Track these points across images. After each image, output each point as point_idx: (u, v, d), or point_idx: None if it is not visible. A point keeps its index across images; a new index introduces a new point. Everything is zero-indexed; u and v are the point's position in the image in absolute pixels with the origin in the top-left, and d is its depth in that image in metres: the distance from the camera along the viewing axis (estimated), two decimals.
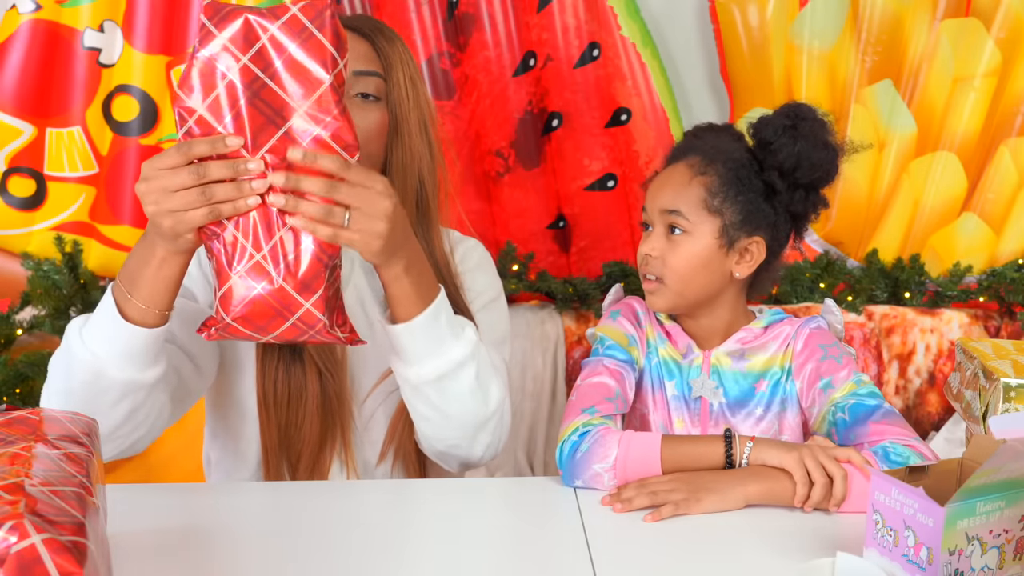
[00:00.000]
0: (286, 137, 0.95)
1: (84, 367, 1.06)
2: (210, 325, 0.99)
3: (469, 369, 1.14)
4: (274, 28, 0.93)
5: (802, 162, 1.26)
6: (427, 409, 1.16)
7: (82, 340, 1.07)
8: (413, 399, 1.17)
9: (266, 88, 0.94)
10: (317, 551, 1.00)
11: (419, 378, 1.13)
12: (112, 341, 1.06)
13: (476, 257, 1.37)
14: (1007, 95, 2.09)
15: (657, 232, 1.29)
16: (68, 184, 1.92)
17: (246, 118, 0.94)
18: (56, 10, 1.85)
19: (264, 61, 0.94)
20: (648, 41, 2.02)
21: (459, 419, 1.17)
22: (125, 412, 1.10)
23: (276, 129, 0.94)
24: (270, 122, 0.94)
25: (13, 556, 0.68)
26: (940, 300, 2.14)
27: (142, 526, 1.04)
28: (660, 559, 1.00)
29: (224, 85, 0.93)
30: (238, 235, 0.96)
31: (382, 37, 1.25)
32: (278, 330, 0.98)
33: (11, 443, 0.82)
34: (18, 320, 1.90)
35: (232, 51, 0.93)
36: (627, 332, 1.33)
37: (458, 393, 1.15)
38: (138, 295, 1.05)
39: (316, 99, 0.94)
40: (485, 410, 1.18)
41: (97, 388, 1.07)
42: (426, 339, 1.11)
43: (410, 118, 1.25)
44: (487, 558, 1.01)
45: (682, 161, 1.31)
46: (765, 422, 1.30)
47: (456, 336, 1.14)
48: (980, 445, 0.99)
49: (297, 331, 0.98)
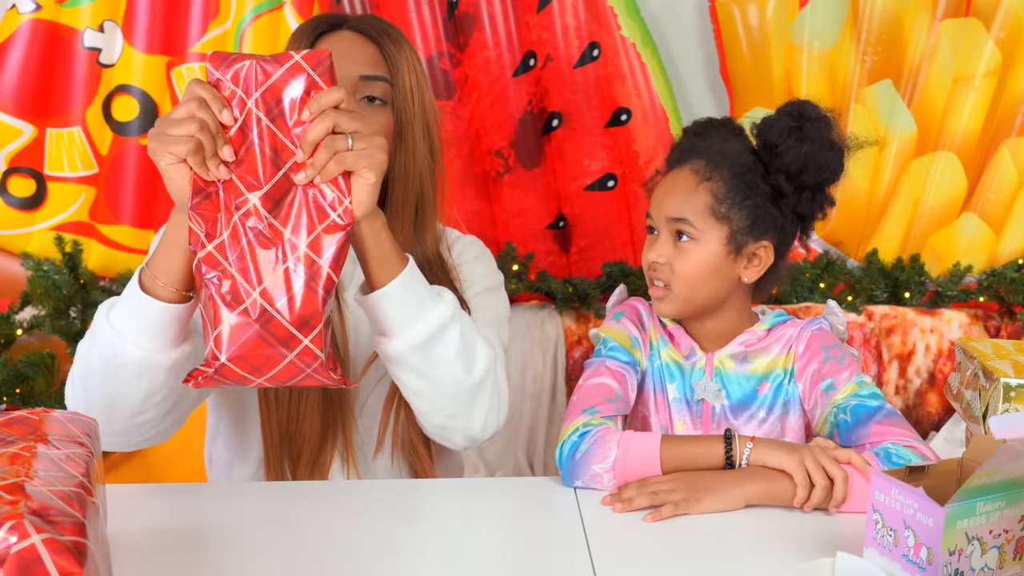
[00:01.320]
0: (285, 179, 0.99)
1: (104, 342, 1.06)
2: (196, 375, 0.97)
3: (453, 330, 1.11)
4: (278, 73, 0.98)
5: (809, 164, 1.25)
6: (416, 380, 1.13)
7: (107, 318, 1.07)
8: (401, 373, 1.13)
9: (269, 131, 0.98)
10: (317, 551, 1.00)
11: (404, 345, 1.10)
12: (130, 314, 1.05)
13: (476, 250, 1.37)
14: (1007, 95, 2.09)
15: (664, 238, 1.28)
16: (68, 184, 1.92)
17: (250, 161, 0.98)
18: (56, 10, 1.85)
19: (268, 105, 0.98)
20: (648, 41, 2.02)
21: (451, 385, 1.13)
22: (143, 394, 1.07)
23: (276, 170, 0.99)
24: (272, 164, 0.98)
25: (13, 556, 0.68)
26: (940, 300, 2.14)
27: (142, 526, 1.04)
28: (660, 559, 1.00)
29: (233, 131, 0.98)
30: (235, 274, 0.96)
31: (389, 40, 1.25)
32: (273, 370, 0.97)
33: (11, 443, 0.82)
34: (18, 320, 1.90)
35: (239, 97, 0.98)
36: (630, 334, 1.32)
37: (445, 357, 1.11)
38: (154, 267, 1.04)
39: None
40: (475, 372, 1.14)
41: (114, 365, 1.06)
42: (407, 300, 1.09)
43: (415, 123, 1.25)
44: (487, 558, 1.01)
45: (686, 166, 1.29)
46: (767, 425, 1.30)
47: (435, 298, 1.12)
48: (980, 445, 0.99)
49: (294, 370, 0.97)
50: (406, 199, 1.25)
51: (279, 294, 0.96)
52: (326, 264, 0.98)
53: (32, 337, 1.91)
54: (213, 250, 0.96)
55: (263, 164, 0.98)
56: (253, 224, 0.97)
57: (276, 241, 0.97)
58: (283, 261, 0.97)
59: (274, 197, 0.98)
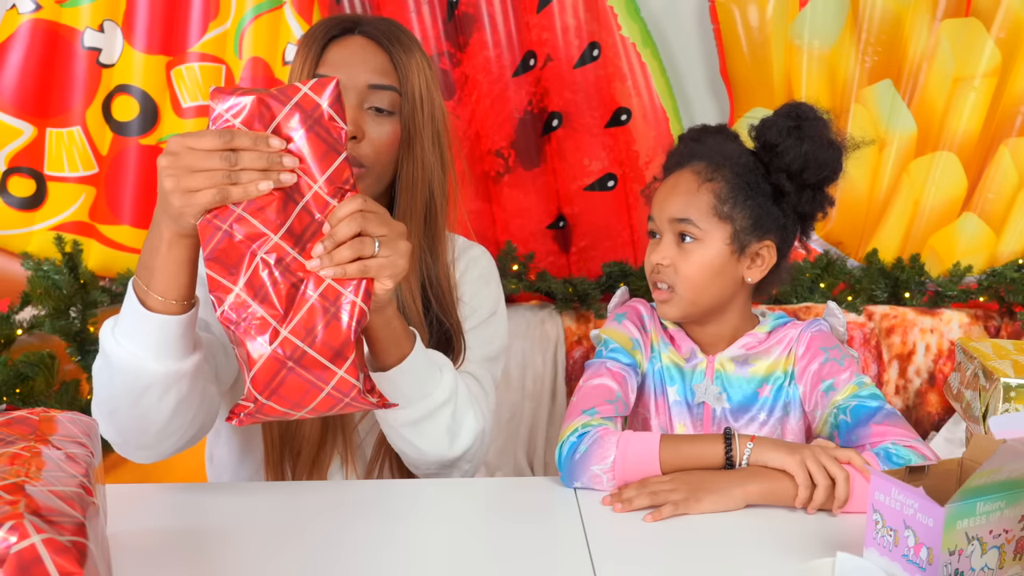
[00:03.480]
0: (304, 213, 0.96)
1: (123, 367, 1.05)
2: (239, 411, 0.97)
3: (446, 411, 1.16)
4: (287, 107, 0.95)
5: (809, 163, 1.25)
6: (404, 445, 1.19)
7: (116, 340, 1.05)
8: (391, 435, 1.19)
9: None
10: (317, 551, 1.00)
11: (397, 420, 1.15)
12: (144, 335, 1.04)
13: (480, 268, 1.36)
14: (1007, 95, 2.09)
15: (667, 241, 1.28)
16: (68, 184, 1.92)
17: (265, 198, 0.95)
18: (56, 10, 1.85)
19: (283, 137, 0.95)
20: (648, 41, 2.02)
21: (434, 455, 1.19)
22: (172, 405, 1.07)
23: (294, 206, 0.96)
24: (289, 200, 0.96)
25: (13, 556, 0.68)
26: (940, 300, 2.14)
27: (142, 526, 1.04)
28: (660, 559, 1.00)
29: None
30: (264, 314, 0.94)
31: (400, 47, 1.24)
32: (313, 403, 0.96)
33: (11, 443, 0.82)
34: (18, 320, 1.90)
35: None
36: (631, 336, 1.32)
37: (433, 433, 1.16)
38: (154, 286, 1.02)
39: (332, 174, 0.96)
40: (459, 447, 1.19)
41: (140, 386, 1.05)
42: (408, 383, 1.12)
43: (424, 132, 1.24)
44: (487, 558, 1.01)
45: (687, 168, 1.29)
46: (768, 427, 1.30)
47: (435, 379, 1.15)
48: (980, 445, 0.99)
49: (332, 401, 0.97)
50: (414, 208, 1.25)
51: (309, 329, 0.95)
52: (351, 294, 0.96)
53: (32, 337, 1.91)
54: (239, 291, 0.94)
55: (279, 202, 0.95)
56: (275, 261, 0.95)
57: (300, 276, 0.96)
58: (309, 296, 0.95)
59: (295, 232, 0.96)
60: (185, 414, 1.09)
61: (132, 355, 1.04)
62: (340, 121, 0.96)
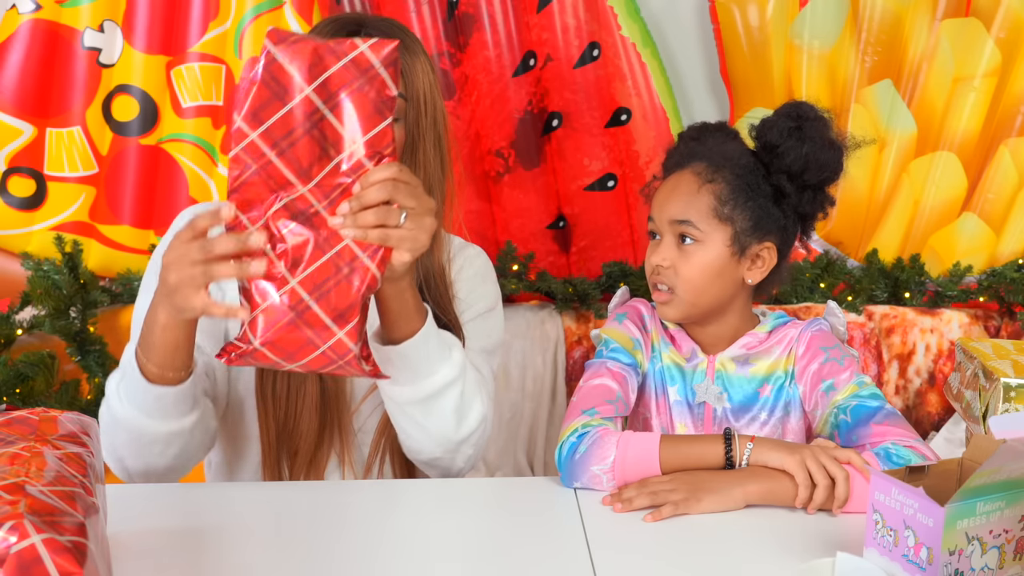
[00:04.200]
0: (336, 170, 0.95)
1: (126, 425, 1.12)
2: (231, 350, 0.98)
3: (454, 390, 1.16)
4: (342, 62, 0.94)
5: (810, 163, 1.25)
6: (409, 426, 1.18)
7: (119, 399, 1.12)
8: (396, 415, 1.19)
9: (325, 120, 0.94)
10: (317, 551, 1.00)
11: (404, 397, 1.15)
12: (144, 401, 1.10)
13: (477, 266, 1.35)
14: (1007, 95, 2.09)
15: (667, 242, 1.28)
16: (68, 184, 1.92)
17: (301, 148, 0.94)
18: (56, 10, 1.85)
19: (327, 93, 0.94)
20: (648, 41, 2.02)
21: (439, 436, 1.18)
22: (175, 453, 1.15)
23: (328, 161, 0.95)
24: (324, 154, 0.95)
25: (13, 556, 0.68)
26: (940, 300, 2.14)
27: (142, 526, 1.04)
28: (660, 559, 1.00)
29: (283, 114, 0.94)
30: (275, 260, 0.95)
31: (405, 52, 1.22)
32: (306, 359, 0.96)
33: (11, 443, 0.82)
34: (18, 320, 1.90)
35: (297, 80, 0.93)
36: (632, 336, 1.32)
37: (441, 413, 1.16)
38: (152, 359, 1.08)
39: (373, 137, 0.95)
40: (465, 428, 1.19)
41: (143, 442, 1.13)
42: (419, 359, 1.12)
43: (427, 137, 1.24)
44: (487, 558, 1.01)
45: (687, 169, 1.29)
46: (768, 427, 1.30)
47: (445, 356, 1.15)
48: (980, 445, 0.99)
49: (325, 360, 0.97)
50: None
51: (317, 284, 0.94)
52: (367, 259, 0.96)
53: (32, 337, 1.91)
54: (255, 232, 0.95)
55: (313, 154, 0.94)
56: (298, 212, 0.94)
57: (321, 231, 0.95)
58: (325, 252, 0.95)
59: (324, 188, 0.95)
60: (189, 459, 1.18)
61: (134, 416, 1.11)
62: (392, 85, 0.94)
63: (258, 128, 0.94)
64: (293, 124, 0.94)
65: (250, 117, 0.94)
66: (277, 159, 0.94)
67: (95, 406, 1.84)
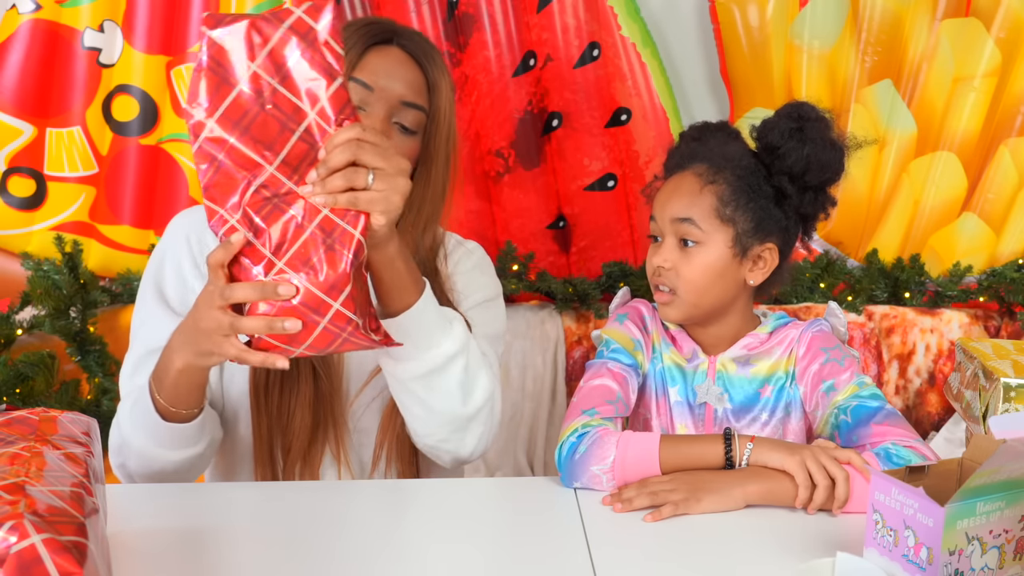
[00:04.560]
0: (302, 142, 0.94)
1: (138, 451, 1.14)
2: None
3: (458, 363, 1.14)
4: (280, 31, 0.92)
5: (812, 165, 1.25)
6: (414, 404, 1.16)
7: (133, 425, 1.14)
8: (401, 394, 1.17)
9: (277, 93, 0.93)
10: (316, 551, 1.00)
11: (407, 373, 1.13)
12: (157, 435, 1.12)
13: (475, 259, 1.35)
14: (1007, 95, 2.09)
15: (668, 243, 1.27)
16: (68, 184, 1.92)
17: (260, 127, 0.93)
18: (56, 10, 1.85)
19: (274, 65, 0.92)
20: (648, 41, 2.02)
21: (447, 413, 1.16)
22: (186, 469, 1.18)
23: (290, 134, 0.94)
24: (285, 128, 0.93)
25: (13, 556, 0.68)
26: (940, 300, 2.14)
27: (142, 526, 1.04)
28: (660, 559, 1.00)
29: (234, 95, 0.92)
30: (258, 246, 0.94)
31: (435, 67, 1.23)
32: (309, 338, 0.95)
33: (11, 443, 0.82)
34: (18, 320, 1.90)
35: (240, 60, 0.92)
36: (633, 336, 1.32)
37: (446, 388, 1.14)
38: (165, 397, 1.10)
39: (330, 99, 0.93)
40: (472, 405, 1.17)
41: (155, 466, 1.16)
42: (418, 331, 1.10)
43: (439, 154, 1.25)
44: (487, 558, 1.01)
45: (688, 170, 1.29)
46: (769, 427, 1.30)
47: (446, 329, 1.13)
48: (980, 445, 0.99)
49: (330, 336, 0.95)
50: (416, 223, 1.25)
51: (304, 261, 0.93)
52: (348, 226, 0.94)
53: (32, 337, 1.91)
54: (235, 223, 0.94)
55: (274, 131, 0.93)
56: (271, 194, 0.94)
57: (297, 208, 0.94)
58: (305, 227, 0.93)
59: (291, 163, 0.94)
60: (197, 472, 1.21)
61: (146, 445, 1.13)
62: (336, 44, 0.92)
63: (213, 115, 0.92)
64: (247, 104, 0.92)
65: (203, 106, 0.92)
66: (239, 142, 0.93)
67: (95, 406, 1.84)
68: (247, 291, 0.94)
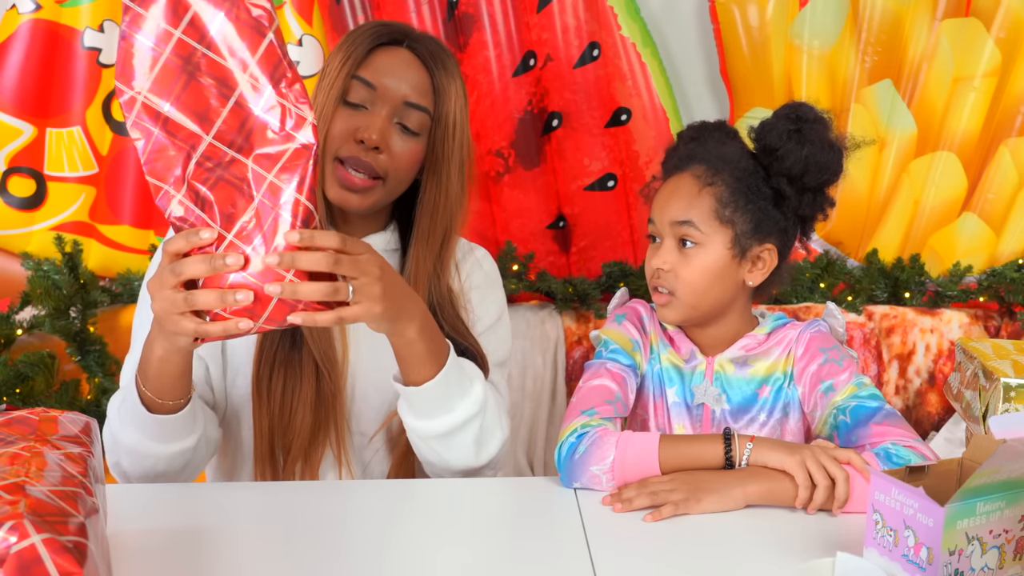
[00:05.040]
0: (238, 107, 0.92)
1: (129, 448, 1.14)
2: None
3: (473, 425, 1.17)
4: None
5: (810, 166, 1.25)
6: (431, 456, 1.20)
7: (121, 421, 1.14)
8: (419, 445, 1.20)
9: (206, 58, 0.90)
10: (316, 551, 1.00)
11: (427, 432, 1.17)
12: (145, 425, 1.12)
13: (485, 272, 1.36)
14: (1007, 95, 2.09)
15: (667, 245, 1.27)
16: (68, 184, 1.92)
17: (192, 94, 0.90)
18: (56, 10, 1.85)
19: (199, 32, 0.90)
20: (648, 41, 2.02)
21: (459, 464, 1.20)
22: (179, 467, 1.17)
23: (225, 100, 0.91)
24: (219, 95, 0.91)
25: (13, 556, 0.68)
26: (940, 300, 2.14)
27: (142, 526, 1.04)
28: (660, 559, 1.00)
29: (162, 64, 0.90)
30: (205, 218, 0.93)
31: (443, 72, 1.23)
32: (266, 311, 0.94)
33: (11, 443, 0.82)
34: (18, 320, 1.90)
35: (164, 27, 0.90)
36: (632, 337, 1.32)
37: (461, 446, 1.18)
38: (150, 389, 1.09)
39: (261, 59, 0.91)
40: (485, 456, 1.21)
41: (147, 462, 1.15)
42: (437, 398, 1.14)
43: (452, 158, 1.24)
44: (487, 558, 1.01)
45: (687, 171, 1.29)
46: (767, 428, 1.30)
47: (464, 394, 1.16)
48: (980, 445, 0.99)
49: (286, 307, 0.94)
50: (433, 231, 1.25)
51: (254, 232, 0.92)
52: (293, 191, 0.92)
53: (32, 337, 1.91)
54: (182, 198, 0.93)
55: (207, 98, 0.91)
56: (215, 165, 0.92)
57: (240, 177, 0.92)
58: (253, 198, 0.92)
59: (229, 132, 0.92)
60: (193, 470, 1.20)
61: (136, 439, 1.13)
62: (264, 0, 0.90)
63: (144, 85, 0.90)
64: (176, 71, 0.90)
65: (132, 79, 0.90)
66: (173, 110, 0.91)
67: (95, 406, 1.84)
68: (197, 265, 0.93)
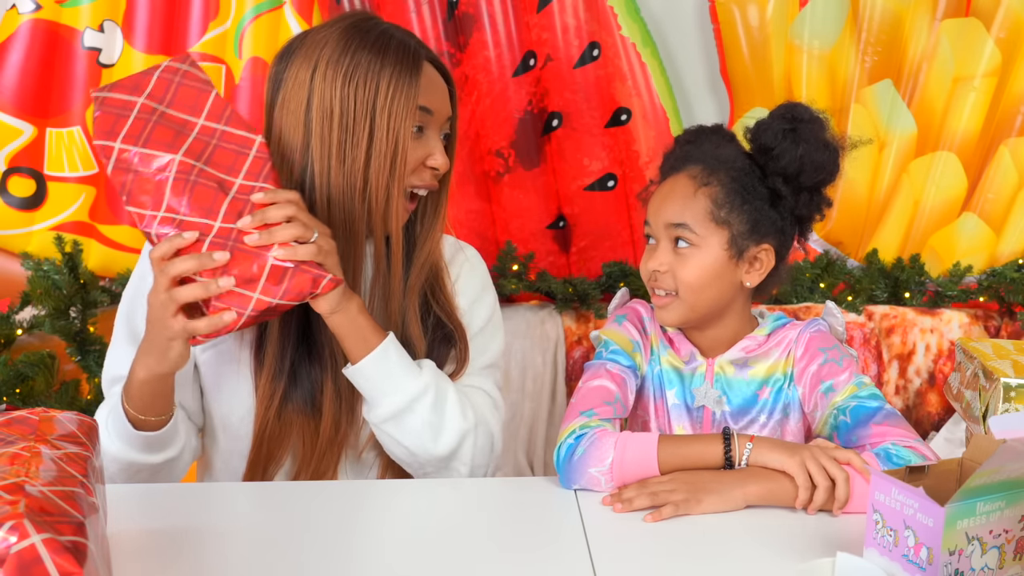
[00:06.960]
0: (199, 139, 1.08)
1: (114, 457, 1.16)
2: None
3: (422, 405, 1.17)
4: (156, 75, 1.10)
5: (805, 166, 1.24)
6: (392, 445, 1.21)
7: (107, 434, 1.16)
8: (379, 435, 1.22)
9: (166, 115, 1.08)
10: (316, 551, 1.00)
11: (378, 417, 1.18)
12: (130, 441, 1.15)
13: (476, 272, 1.35)
14: (1007, 95, 2.09)
15: (663, 247, 1.27)
16: (68, 184, 1.92)
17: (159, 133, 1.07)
18: (56, 10, 1.85)
19: (159, 96, 1.09)
20: (648, 41, 2.02)
21: (421, 453, 1.20)
22: (164, 476, 1.20)
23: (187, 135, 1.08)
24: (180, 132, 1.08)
25: (13, 556, 0.68)
26: (940, 300, 2.14)
27: (142, 526, 1.04)
28: (660, 559, 1.00)
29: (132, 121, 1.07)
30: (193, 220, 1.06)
31: (452, 80, 1.28)
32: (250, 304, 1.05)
33: (11, 443, 0.82)
34: (18, 320, 1.90)
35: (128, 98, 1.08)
36: (632, 338, 1.32)
37: (412, 428, 1.18)
38: (134, 406, 1.13)
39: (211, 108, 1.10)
40: (443, 445, 1.20)
41: (133, 470, 1.18)
42: (379, 376, 1.16)
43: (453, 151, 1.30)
44: (487, 558, 1.01)
45: (682, 172, 1.28)
46: (768, 429, 1.30)
47: (408, 373, 1.17)
48: (980, 445, 0.99)
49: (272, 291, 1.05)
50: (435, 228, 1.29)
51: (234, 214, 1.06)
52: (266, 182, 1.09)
53: (32, 337, 1.91)
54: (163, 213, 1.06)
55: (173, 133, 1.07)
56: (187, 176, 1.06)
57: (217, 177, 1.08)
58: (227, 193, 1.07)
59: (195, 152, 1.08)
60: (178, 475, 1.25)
61: (121, 451, 1.16)
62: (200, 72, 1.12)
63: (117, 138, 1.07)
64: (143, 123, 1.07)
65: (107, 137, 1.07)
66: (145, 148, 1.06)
67: (95, 406, 1.84)
68: (186, 263, 1.03)
